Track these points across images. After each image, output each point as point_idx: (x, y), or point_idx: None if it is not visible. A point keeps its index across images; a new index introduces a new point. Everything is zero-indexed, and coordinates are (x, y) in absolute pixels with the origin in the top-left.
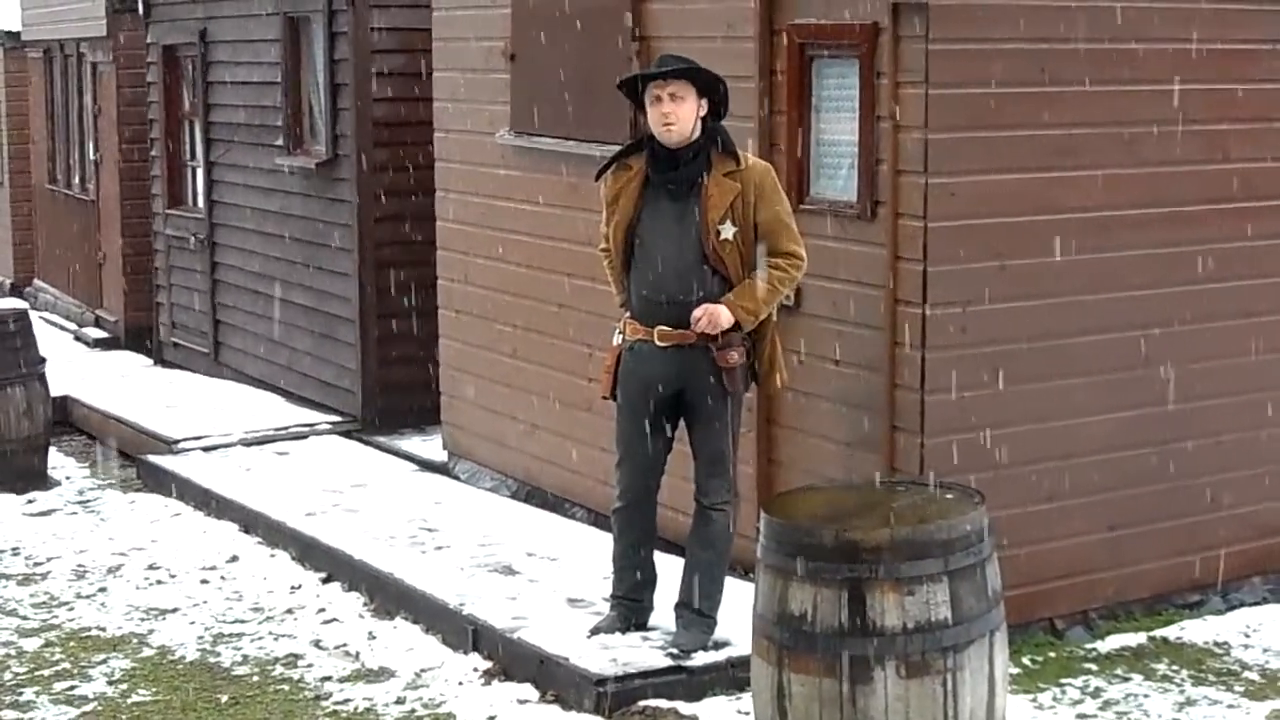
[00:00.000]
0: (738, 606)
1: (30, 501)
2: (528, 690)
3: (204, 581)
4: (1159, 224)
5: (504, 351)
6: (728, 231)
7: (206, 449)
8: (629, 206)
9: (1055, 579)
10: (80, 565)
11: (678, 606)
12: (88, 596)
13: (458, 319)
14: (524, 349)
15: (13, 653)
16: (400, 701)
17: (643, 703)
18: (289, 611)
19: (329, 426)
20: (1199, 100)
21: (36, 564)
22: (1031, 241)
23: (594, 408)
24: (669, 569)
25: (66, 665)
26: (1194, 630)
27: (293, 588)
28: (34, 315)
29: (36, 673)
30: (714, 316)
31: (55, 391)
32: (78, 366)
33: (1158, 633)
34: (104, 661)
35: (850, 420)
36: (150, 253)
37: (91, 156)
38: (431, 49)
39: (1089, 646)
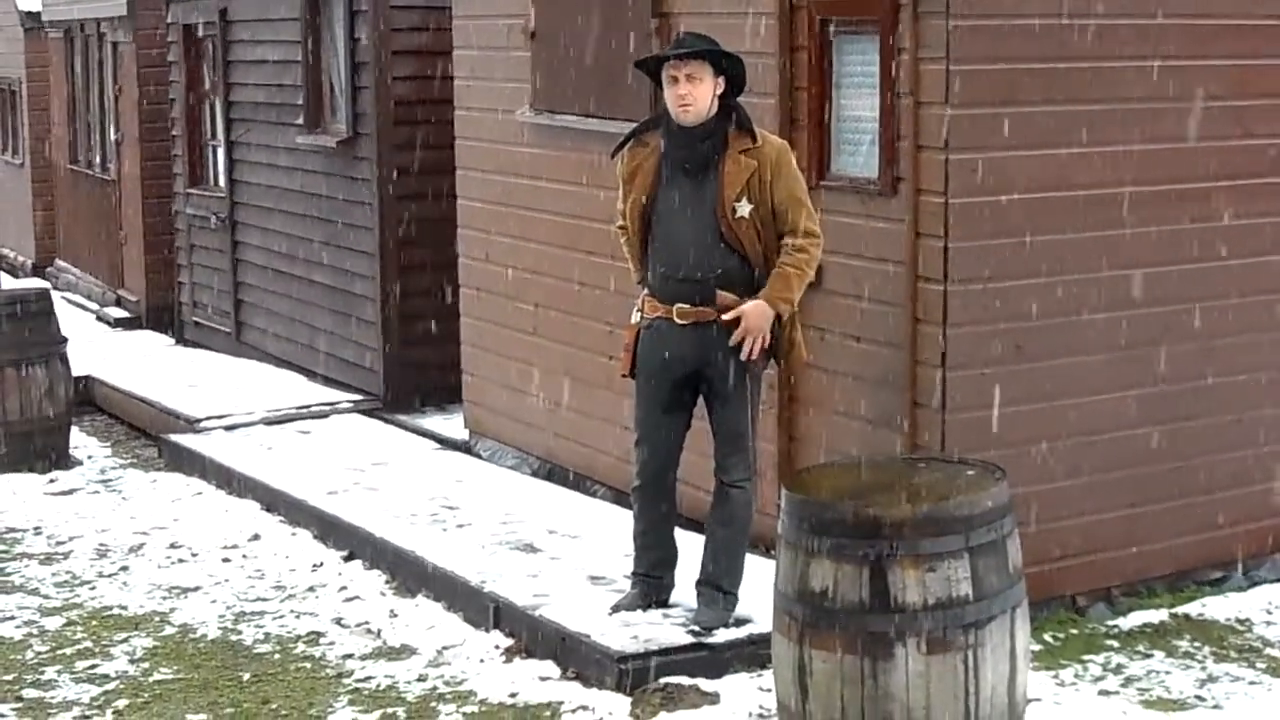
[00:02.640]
0: (759, 583)
1: (52, 481)
2: (549, 667)
3: (225, 560)
4: (1180, 200)
5: (525, 329)
6: (744, 209)
7: (228, 428)
8: (646, 184)
9: (1076, 555)
10: (102, 544)
11: (699, 584)
12: (109, 575)
13: (479, 297)
14: (545, 327)
15: (35, 632)
16: (422, 679)
17: (664, 680)
18: (310, 589)
19: (350, 405)
20: (1220, 75)
21: (58, 543)
22: (1052, 217)
23: (614, 386)
24: (690, 546)
25: (88, 644)
26: (1216, 607)
27: (314, 566)
28: (55, 295)
29: (58, 651)
30: (755, 324)
31: (77, 371)
32: (99, 346)
33: (1179, 609)
34: (126, 640)
35: (871, 397)
36: (171, 232)
37: (112, 136)
38: (452, 27)
39: (1110, 623)
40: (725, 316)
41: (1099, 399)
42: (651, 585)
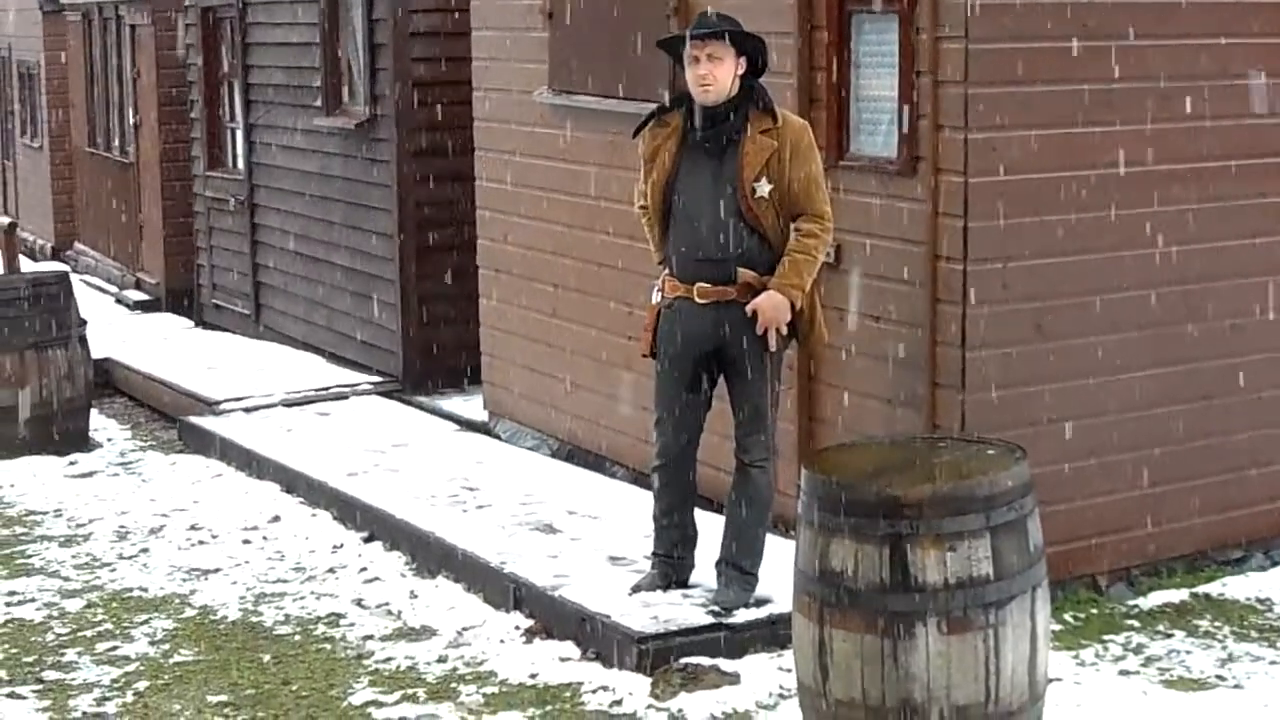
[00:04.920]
0: (779, 563)
1: (72, 463)
2: (569, 648)
3: (245, 541)
4: (1199, 179)
5: (544, 310)
6: (764, 189)
7: (248, 410)
8: (666, 164)
9: (1097, 535)
10: (122, 526)
11: (719, 564)
12: (130, 557)
13: (498, 278)
14: (564, 308)
15: (55, 614)
16: (442, 660)
17: (684, 660)
18: (330, 571)
19: (370, 387)
20: (1240, 54)
21: (79, 525)
22: (1072, 197)
23: (634, 366)
24: (710, 526)
25: (109, 626)
26: (1236, 587)
27: (334, 547)
28: (75, 278)
29: (79, 633)
30: (773, 316)
31: (96, 354)
32: (118, 329)
33: (1200, 589)
34: (146, 622)
35: (891, 377)
36: (190, 215)
37: (131, 119)
38: (470, 7)
39: (1131, 603)
40: (757, 329)
41: (1119, 379)
42: (671, 566)
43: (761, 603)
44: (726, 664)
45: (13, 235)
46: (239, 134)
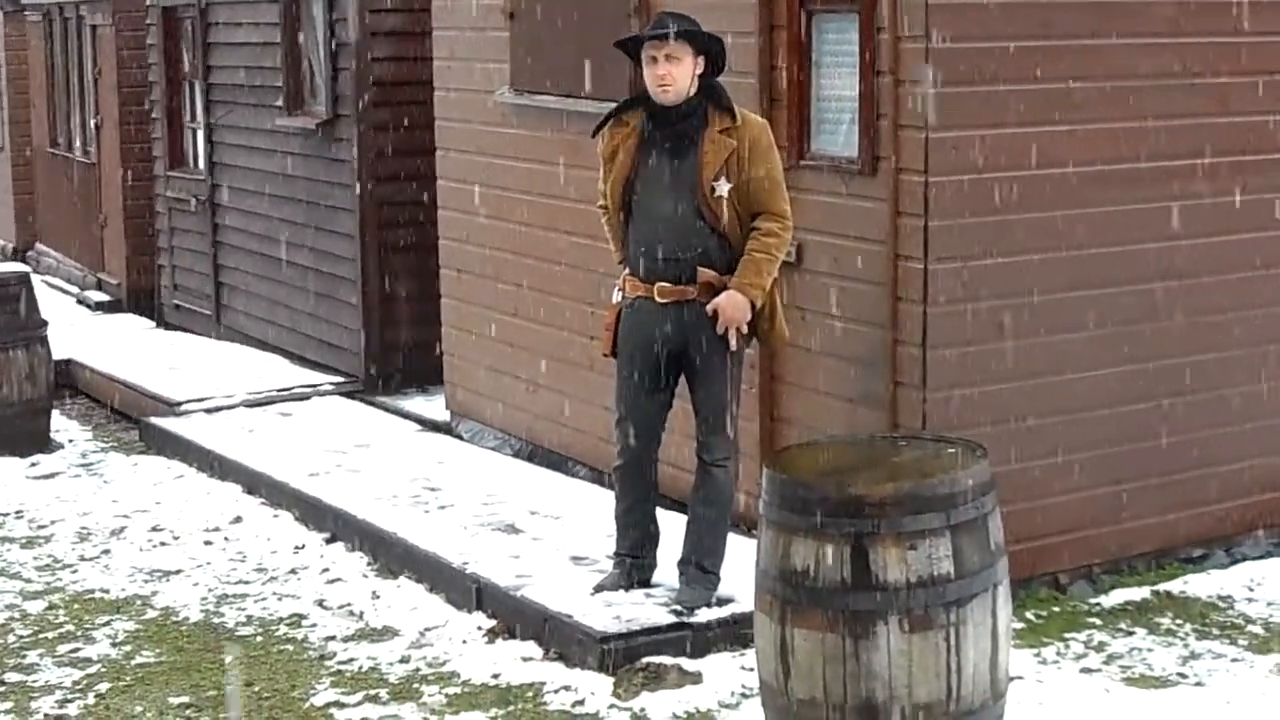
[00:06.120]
0: (741, 563)
1: (33, 464)
2: (531, 648)
3: (207, 543)
4: (1160, 177)
5: (506, 310)
6: (723, 188)
7: (209, 410)
8: (626, 163)
9: (1058, 533)
10: (84, 528)
11: (680, 563)
12: (91, 559)
13: (459, 278)
14: (526, 308)
15: (16, 615)
16: (404, 660)
17: (646, 659)
18: (292, 572)
19: (332, 387)
20: (1200, 53)
21: (40, 527)
22: (1033, 196)
23: (596, 366)
24: (671, 526)
25: (70, 627)
26: (1198, 584)
27: (296, 548)
28: (36, 279)
29: (40, 635)
30: (733, 316)
31: (58, 355)
32: (80, 329)
33: (1161, 587)
34: (108, 623)
35: (852, 376)
36: (151, 215)
37: (92, 119)
38: (431, 7)
39: (1092, 601)
40: (718, 328)
41: (1081, 377)
42: (633, 565)
43: (724, 602)
44: (689, 663)
45: None
46: (200, 134)
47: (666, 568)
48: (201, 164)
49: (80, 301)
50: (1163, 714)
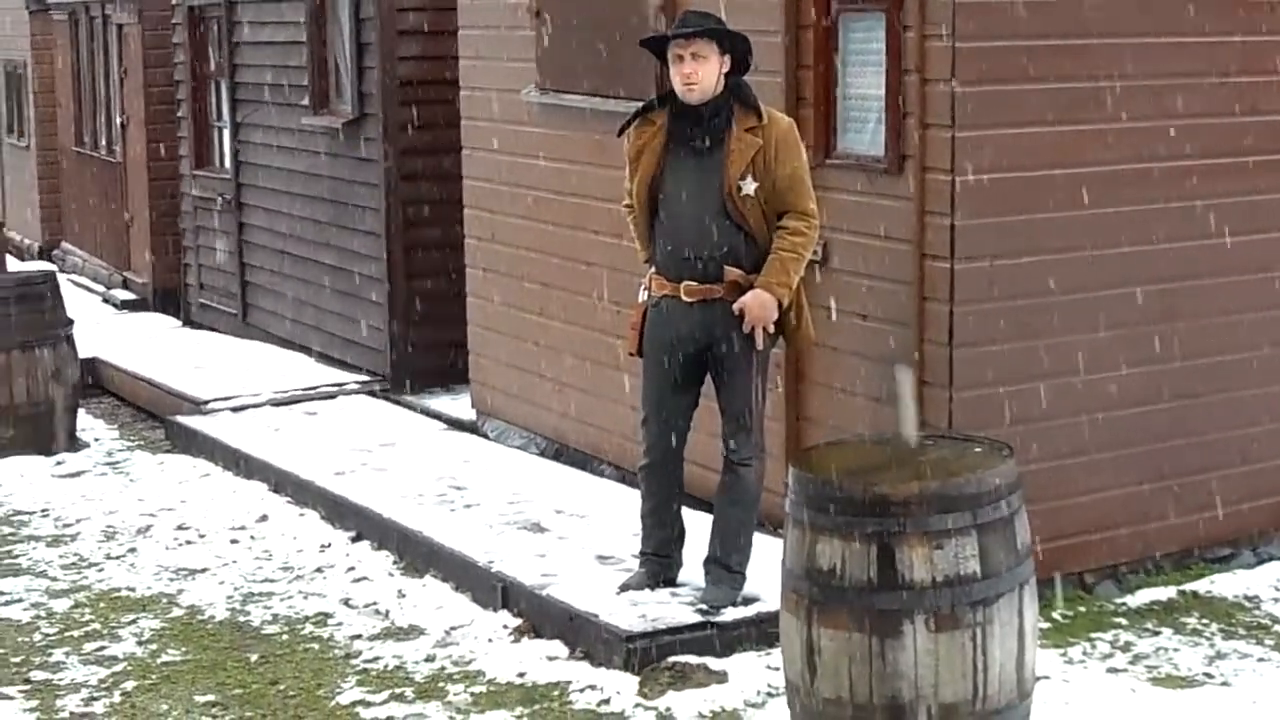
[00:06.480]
0: (767, 562)
1: (59, 463)
2: (557, 647)
3: (233, 541)
4: (1186, 177)
5: (532, 309)
6: (749, 187)
7: (235, 409)
8: (652, 162)
9: (1084, 533)
10: (109, 526)
11: (706, 562)
12: (117, 557)
13: (485, 277)
14: (551, 307)
15: (43, 614)
16: (430, 659)
17: (672, 659)
18: (318, 570)
19: (357, 386)
20: (1227, 52)
21: (66, 525)
22: (1059, 195)
23: (621, 365)
24: (697, 525)
25: (96, 626)
26: (1224, 584)
27: (322, 546)
28: (62, 278)
29: (66, 633)
30: (760, 315)
31: (84, 353)
32: (106, 328)
33: (1187, 587)
34: (133, 622)
35: (878, 375)
36: (177, 214)
37: (118, 118)
38: (457, 6)
39: (1118, 601)
40: (744, 327)
41: (1106, 376)
42: (659, 564)
43: (749, 601)
44: (714, 663)
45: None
46: (226, 133)
47: (692, 567)
48: (227, 163)
49: (106, 300)
50: (1189, 714)
